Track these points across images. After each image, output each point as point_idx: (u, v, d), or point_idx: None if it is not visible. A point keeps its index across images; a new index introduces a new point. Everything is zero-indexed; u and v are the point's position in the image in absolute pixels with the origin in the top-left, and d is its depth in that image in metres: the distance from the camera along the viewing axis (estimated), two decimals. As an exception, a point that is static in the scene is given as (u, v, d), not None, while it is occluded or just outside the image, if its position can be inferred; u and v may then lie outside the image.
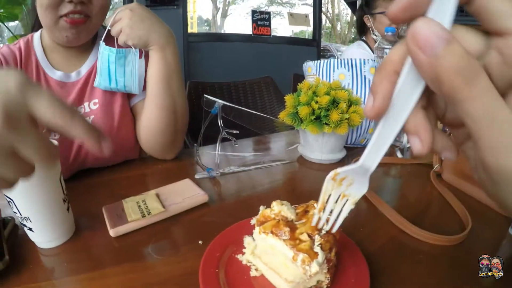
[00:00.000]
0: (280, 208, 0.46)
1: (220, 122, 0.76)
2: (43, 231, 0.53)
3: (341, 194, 0.35)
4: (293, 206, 0.48)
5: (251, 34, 3.23)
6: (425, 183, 0.80)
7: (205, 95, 0.77)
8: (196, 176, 0.79)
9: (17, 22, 3.02)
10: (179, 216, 0.63)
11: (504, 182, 0.23)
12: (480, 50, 0.23)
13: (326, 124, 0.84)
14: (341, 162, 0.94)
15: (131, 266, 0.51)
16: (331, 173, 0.34)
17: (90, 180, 0.78)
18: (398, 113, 0.25)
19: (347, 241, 0.53)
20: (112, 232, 0.56)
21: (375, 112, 0.25)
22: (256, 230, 0.46)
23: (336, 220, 0.39)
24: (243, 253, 0.50)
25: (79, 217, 0.61)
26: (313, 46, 3.82)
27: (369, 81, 1.02)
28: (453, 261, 0.54)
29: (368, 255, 0.50)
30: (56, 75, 0.79)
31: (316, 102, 0.84)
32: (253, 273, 0.48)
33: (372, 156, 0.29)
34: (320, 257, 0.40)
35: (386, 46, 1.14)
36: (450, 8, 0.21)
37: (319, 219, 0.40)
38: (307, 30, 4.39)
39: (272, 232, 0.43)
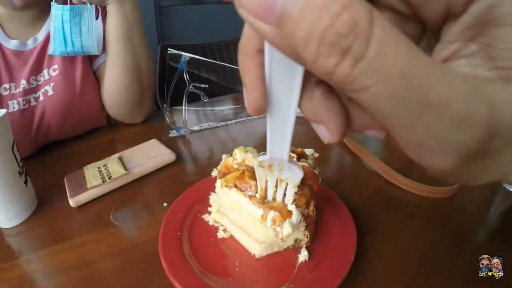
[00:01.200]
0: (243, 156, 0.39)
1: (186, 76, 0.69)
2: (1, 209, 0.48)
3: (278, 179, 0.31)
4: (261, 153, 0.42)
5: (227, -5, 3.08)
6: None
7: (169, 49, 0.71)
8: (164, 136, 0.73)
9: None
10: (144, 179, 0.59)
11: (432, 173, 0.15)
12: None
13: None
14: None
15: (92, 236, 0.47)
16: (256, 161, 0.29)
17: (55, 152, 0.72)
18: (282, 102, 0.18)
19: (329, 194, 0.48)
20: (72, 202, 0.52)
21: (253, 108, 0.18)
22: (218, 183, 0.40)
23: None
24: (210, 213, 0.45)
25: (42, 191, 0.56)
26: None
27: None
28: (447, 215, 0.50)
29: (353, 210, 0.46)
30: (11, 44, 0.73)
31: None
32: (220, 234, 0.43)
33: (277, 148, 0.23)
34: (295, 216, 0.34)
35: None
36: None
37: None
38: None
39: (235, 186, 0.37)
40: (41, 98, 0.72)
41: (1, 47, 0.71)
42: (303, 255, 0.39)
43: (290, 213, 0.34)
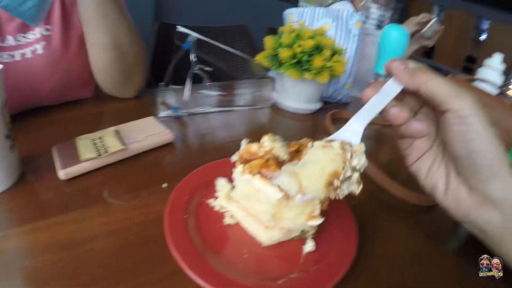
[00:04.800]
0: (272, 145, 0.38)
1: (192, 57, 0.67)
2: (-18, 174, 0.43)
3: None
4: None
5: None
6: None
7: (178, 26, 0.67)
8: (161, 115, 0.70)
9: None
10: (140, 156, 0.56)
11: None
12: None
13: (307, 70, 0.78)
14: (316, 114, 0.88)
15: (85, 212, 0.43)
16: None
17: (39, 118, 0.67)
18: (384, 96, 0.37)
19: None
20: (62, 174, 0.48)
21: (367, 94, 0.38)
22: (238, 169, 0.38)
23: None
24: (216, 198, 0.44)
25: (26, 159, 0.51)
26: (291, 3, 3.66)
27: (354, 36, 0.95)
28: (431, 220, 0.54)
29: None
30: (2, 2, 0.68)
31: (299, 46, 0.77)
32: (227, 220, 0.42)
33: (361, 117, 0.38)
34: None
35: (371, 6, 1.07)
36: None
37: None
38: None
39: (260, 174, 0.36)
40: (29, 55, 0.67)
41: None
42: (309, 246, 0.40)
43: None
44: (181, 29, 0.67)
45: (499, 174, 0.34)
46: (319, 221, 0.37)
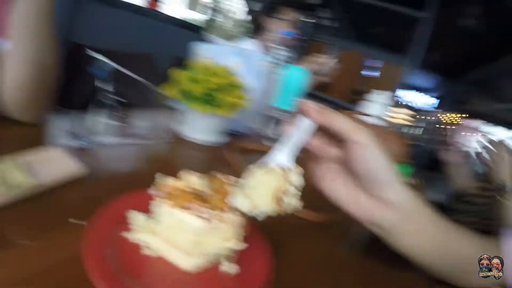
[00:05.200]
0: (190, 179, 0.44)
1: (106, 86, 0.66)
2: None
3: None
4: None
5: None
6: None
7: (97, 54, 0.66)
8: (66, 144, 0.66)
9: None
10: (47, 191, 0.51)
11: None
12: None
13: (216, 105, 0.84)
14: (220, 146, 0.94)
15: None
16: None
17: None
18: (297, 137, 0.44)
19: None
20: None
21: (285, 130, 0.45)
22: (159, 202, 0.42)
23: None
24: (131, 231, 0.45)
25: None
26: (195, 32, 3.65)
27: (260, 74, 1.05)
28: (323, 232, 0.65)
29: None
30: None
31: (211, 83, 0.83)
32: (146, 252, 0.44)
33: (289, 150, 0.44)
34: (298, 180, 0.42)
35: (280, 48, 1.17)
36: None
37: None
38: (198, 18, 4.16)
39: (183, 207, 0.40)
40: None
41: None
42: (231, 267, 0.44)
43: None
44: (99, 57, 0.66)
45: (392, 183, 0.46)
46: (239, 245, 0.43)
